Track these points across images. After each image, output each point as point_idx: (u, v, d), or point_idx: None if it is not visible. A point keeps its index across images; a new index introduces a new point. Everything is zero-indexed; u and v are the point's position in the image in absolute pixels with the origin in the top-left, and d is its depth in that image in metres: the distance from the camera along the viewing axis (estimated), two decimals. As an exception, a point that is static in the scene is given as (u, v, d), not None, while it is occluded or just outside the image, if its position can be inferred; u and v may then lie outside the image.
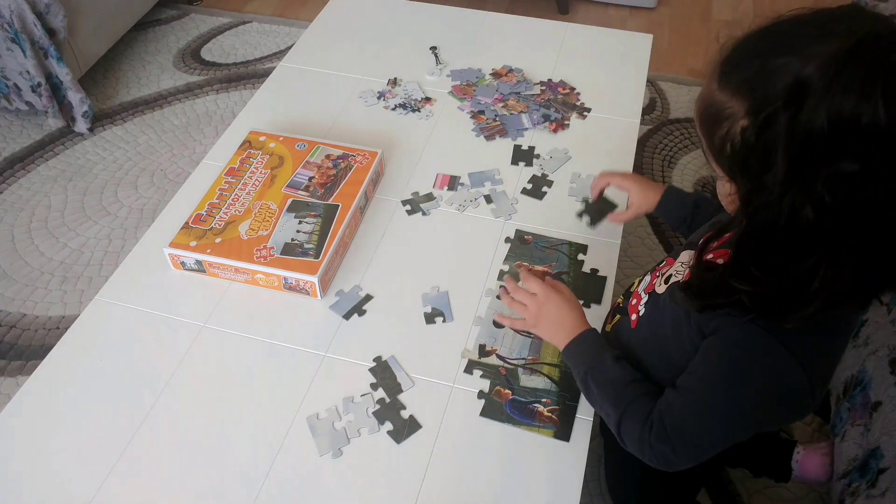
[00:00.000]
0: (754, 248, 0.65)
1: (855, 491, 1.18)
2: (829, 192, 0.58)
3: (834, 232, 0.60)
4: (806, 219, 0.59)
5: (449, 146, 1.35)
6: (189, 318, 1.07)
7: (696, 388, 0.78)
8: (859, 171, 0.57)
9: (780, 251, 0.63)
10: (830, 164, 0.57)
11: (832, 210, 0.58)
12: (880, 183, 0.58)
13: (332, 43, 1.62)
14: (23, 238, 1.89)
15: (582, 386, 0.91)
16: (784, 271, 0.63)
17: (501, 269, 1.13)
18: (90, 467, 0.91)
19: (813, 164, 0.58)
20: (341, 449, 0.92)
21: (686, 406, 0.79)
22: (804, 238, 0.61)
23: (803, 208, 0.59)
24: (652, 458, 0.82)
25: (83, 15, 2.17)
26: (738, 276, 0.66)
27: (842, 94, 0.56)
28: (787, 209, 0.60)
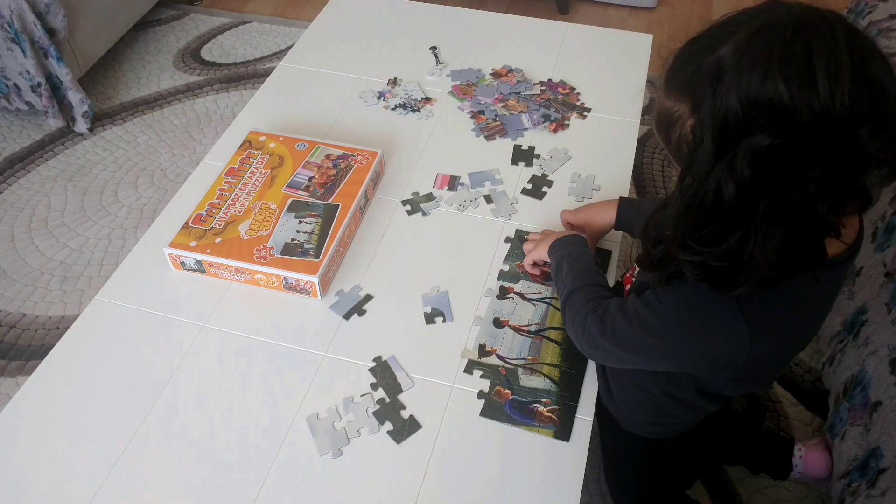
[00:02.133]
0: (688, 223, 0.68)
1: (855, 491, 1.19)
2: (747, 167, 0.61)
3: (755, 206, 0.63)
4: (729, 194, 0.63)
5: (449, 146, 1.35)
6: (189, 318, 1.07)
7: (650, 300, 0.83)
8: (772, 144, 0.60)
9: (711, 226, 0.66)
10: (746, 140, 0.61)
11: (752, 184, 0.62)
12: (793, 155, 0.60)
13: (332, 43, 1.62)
14: (23, 238, 1.89)
15: (554, 269, 1.01)
16: (715, 243, 0.66)
17: (501, 269, 1.13)
18: (90, 467, 0.91)
19: (732, 141, 0.62)
20: (341, 449, 0.92)
21: (634, 310, 0.85)
22: (730, 212, 0.64)
23: (726, 184, 0.63)
24: (580, 330, 0.92)
25: (83, 15, 2.17)
26: (680, 248, 0.70)
27: (748, 72, 0.60)
28: (713, 185, 0.63)
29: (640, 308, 0.84)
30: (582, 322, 0.91)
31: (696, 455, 1.17)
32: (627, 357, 0.89)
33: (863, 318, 1.33)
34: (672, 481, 1.23)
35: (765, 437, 1.43)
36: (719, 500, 1.36)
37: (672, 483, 1.23)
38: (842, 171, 0.61)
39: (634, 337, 0.85)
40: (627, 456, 1.17)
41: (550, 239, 1.06)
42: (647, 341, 0.84)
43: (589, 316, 0.90)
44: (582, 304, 0.93)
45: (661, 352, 0.85)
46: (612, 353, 0.89)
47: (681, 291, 0.79)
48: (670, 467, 1.16)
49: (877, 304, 1.30)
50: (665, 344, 0.84)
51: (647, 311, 0.83)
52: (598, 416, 1.06)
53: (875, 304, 1.31)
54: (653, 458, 1.13)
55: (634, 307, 0.85)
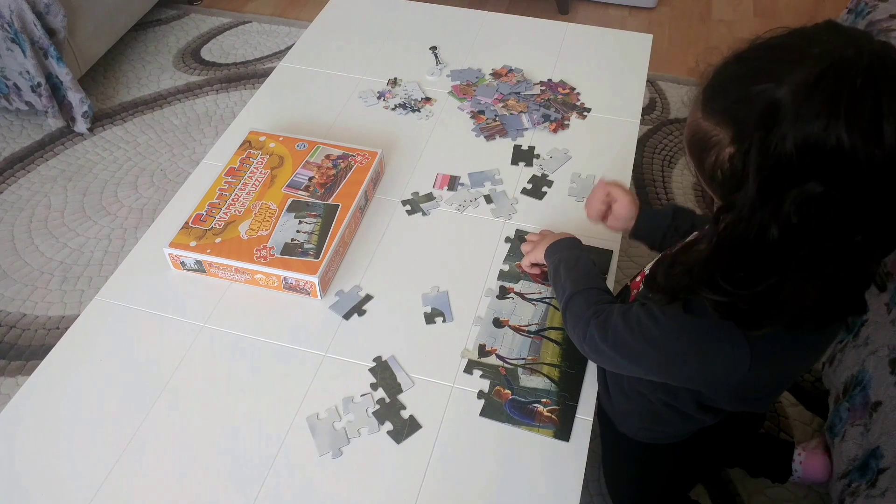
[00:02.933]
0: (722, 263, 0.66)
1: (855, 491, 1.18)
2: (795, 213, 0.59)
3: (798, 252, 0.61)
4: (772, 238, 0.61)
5: (449, 146, 1.35)
6: (189, 318, 1.07)
7: (654, 311, 0.82)
8: (824, 192, 0.58)
9: (746, 268, 0.65)
10: (797, 186, 0.59)
11: (798, 230, 0.60)
12: (845, 205, 0.59)
13: (332, 43, 1.62)
14: (23, 238, 1.89)
15: (552, 273, 1.02)
16: (749, 286, 0.65)
17: (501, 269, 1.13)
18: (90, 467, 0.91)
19: (781, 186, 0.60)
20: (341, 449, 0.92)
21: (637, 318, 0.83)
22: (769, 256, 0.63)
23: (770, 228, 0.61)
24: (582, 335, 0.91)
25: (83, 15, 2.17)
26: (709, 288, 0.68)
27: (809, 118, 0.58)
28: (755, 228, 0.62)
29: (643, 318, 0.83)
30: (584, 328, 0.91)
31: (696, 459, 1.17)
32: (626, 365, 0.89)
33: (863, 318, 1.33)
34: (671, 484, 1.22)
35: (765, 439, 1.43)
36: (719, 500, 1.36)
37: (671, 486, 1.23)
38: (890, 224, 0.60)
39: (635, 346, 0.84)
40: (626, 458, 1.17)
41: (548, 241, 1.06)
42: (647, 352, 0.84)
43: (591, 321, 0.90)
44: (583, 309, 0.92)
45: (659, 365, 0.85)
46: (612, 358, 0.89)
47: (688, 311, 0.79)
48: (670, 471, 1.16)
49: (877, 304, 1.30)
50: (664, 358, 0.83)
51: (651, 323, 0.82)
52: (598, 417, 1.06)
53: (875, 304, 1.31)
54: (652, 461, 1.12)
55: (638, 316, 0.84)
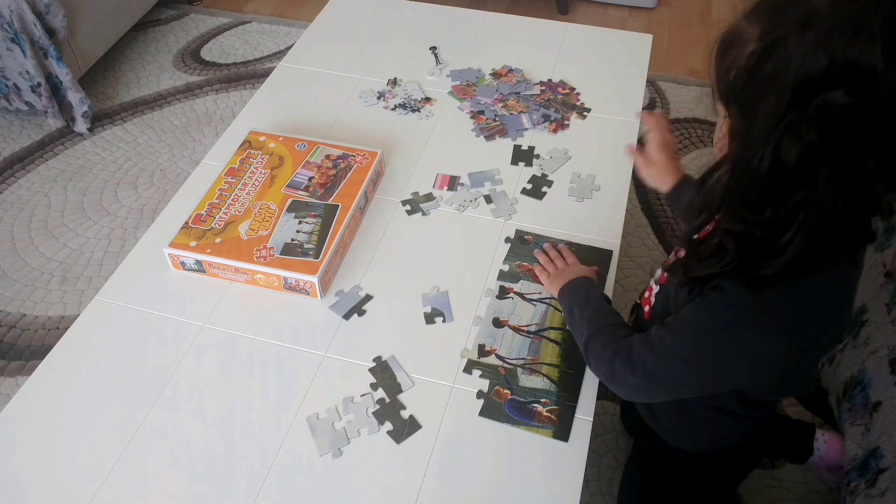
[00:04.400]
0: (740, 186, 0.67)
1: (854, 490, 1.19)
2: (815, 129, 0.59)
3: (814, 172, 0.61)
4: (791, 155, 0.61)
5: (449, 146, 1.35)
6: (189, 318, 1.07)
7: (675, 327, 0.81)
8: (847, 105, 0.58)
9: (763, 189, 0.65)
10: (821, 95, 0.59)
11: (817, 147, 0.60)
12: (866, 123, 0.59)
13: (332, 43, 1.62)
14: (23, 238, 1.89)
15: (567, 315, 1.00)
16: (764, 211, 0.65)
17: (501, 269, 1.13)
18: (90, 467, 0.91)
19: (805, 95, 0.59)
20: (341, 449, 0.92)
21: (660, 340, 0.82)
22: (786, 177, 0.63)
23: (790, 144, 0.61)
24: (609, 375, 0.88)
25: (83, 15, 2.17)
26: (728, 215, 0.69)
27: (843, 27, 0.58)
28: (773, 146, 0.62)
29: (664, 335, 0.82)
30: (609, 368, 0.88)
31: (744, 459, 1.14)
32: (663, 393, 0.86)
33: (863, 319, 1.33)
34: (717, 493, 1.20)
35: (784, 421, 1.44)
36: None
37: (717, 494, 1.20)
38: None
39: (665, 371, 0.82)
40: (674, 472, 1.12)
41: (562, 279, 1.05)
42: (679, 373, 0.82)
43: (615, 360, 0.87)
44: (603, 349, 0.90)
45: (695, 381, 0.83)
46: (647, 391, 0.87)
47: (703, 307, 0.77)
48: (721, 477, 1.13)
49: (877, 304, 1.30)
50: (698, 372, 0.81)
51: (672, 338, 0.80)
52: (638, 434, 1.05)
53: (875, 304, 1.31)
54: (703, 469, 1.09)
55: (658, 336, 0.82)
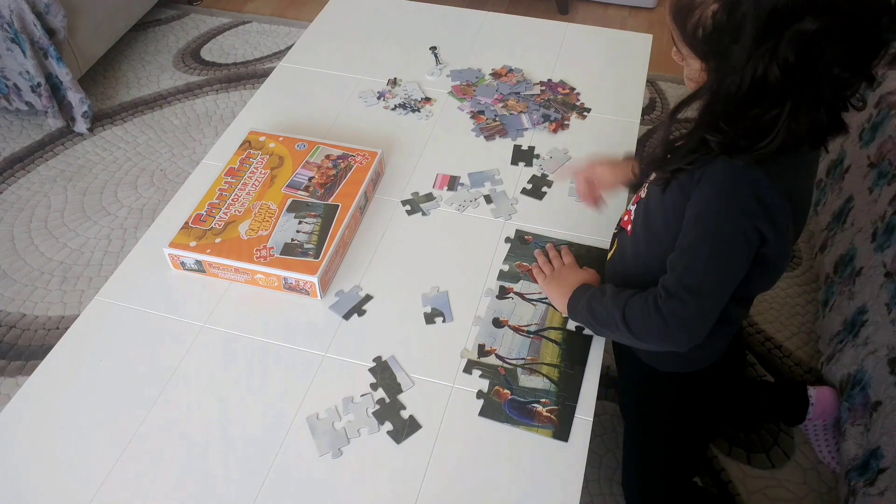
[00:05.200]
0: (722, 108, 0.75)
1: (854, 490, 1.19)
2: (792, 52, 0.68)
3: (792, 86, 0.70)
4: (773, 77, 0.70)
5: (449, 146, 1.35)
6: (189, 318, 1.07)
7: (689, 234, 0.85)
8: (818, 29, 0.67)
9: (746, 108, 0.73)
10: (793, 25, 0.67)
11: (794, 67, 0.69)
12: (830, 38, 0.68)
13: (332, 43, 1.62)
14: (23, 238, 1.89)
15: (588, 315, 0.97)
16: (749, 122, 0.74)
17: (501, 269, 1.13)
18: (90, 467, 0.91)
19: (777, 29, 0.68)
20: (341, 449, 0.92)
21: (685, 255, 0.86)
22: (768, 95, 0.71)
23: (769, 68, 0.69)
24: (661, 324, 0.86)
25: (83, 15, 2.17)
26: (709, 130, 0.77)
27: None
28: (751, 72, 0.70)
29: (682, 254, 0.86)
30: (658, 318, 0.87)
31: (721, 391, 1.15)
32: (716, 299, 0.86)
33: (863, 318, 1.34)
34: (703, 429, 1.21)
35: (778, 385, 1.49)
36: (719, 499, 1.36)
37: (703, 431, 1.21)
38: (863, 53, 0.70)
39: (698, 274, 0.84)
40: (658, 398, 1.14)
41: (559, 284, 1.05)
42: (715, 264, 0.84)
43: (659, 305, 0.87)
44: (642, 308, 0.89)
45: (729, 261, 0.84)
46: (703, 312, 0.86)
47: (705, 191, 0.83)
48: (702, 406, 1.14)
49: (877, 304, 1.30)
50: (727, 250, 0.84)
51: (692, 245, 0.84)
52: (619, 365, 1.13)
53: (875, 304, 1.31)
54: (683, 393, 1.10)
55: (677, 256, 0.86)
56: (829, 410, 1.36)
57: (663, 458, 1.14)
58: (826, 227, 1.65)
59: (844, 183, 1.61)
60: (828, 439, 1.37)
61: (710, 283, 0.85)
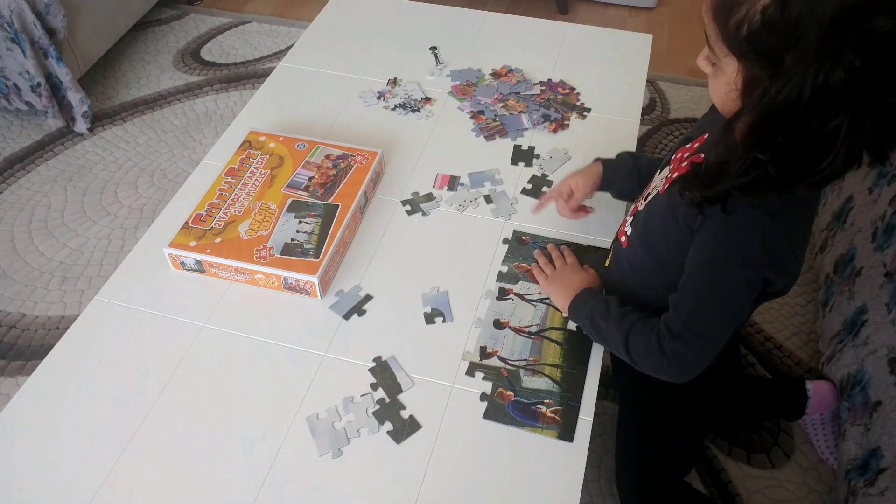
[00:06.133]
0: (779, 121, 0.67)
1: (854, 490, 1.19)
2: (859, 54, 0.61)
3: (858, 94, 0.63)
4: (836, 82, 0.62)
5: (449, 146, 1.35)
6: (189, 318, 1.07)
7: (696, 277, 0.86)
8: (891, 30, 0.60)
9: (806, 120, 0.66)
10: (864, 23, 0.60)
11: (860, 73, 0.62)
12: None
13: (332, 43, 1.62)
14: (23, 238, 1.89)
15: (590, 327, 0.98)
16: (804, 138, 0.67)
17: (500, 271, 1.13)
18: (90, 467, 0.91)
19: (844, 30, 0.61)
20: (341, 449, 0.92)
21: (690, 298, 0.86)
22: (828, 103, 0.64)
23: (832, 73, 0.62)
24: (663, 361, 0.88)
25: (83, 15, 2.17)
26: (762, 147, 0.69)
27: None
28: (811, 79, 0.63)
29: (687, 294, 0.86)
30: (661, 355, 0.89)
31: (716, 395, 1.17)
32: (718, 342, 0.88)
33: (863, 318, 1.33)
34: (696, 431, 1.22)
35: (776, 381, 1.49)
36: (719, 499, 1.36)
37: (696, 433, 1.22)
38: None
39: (708, 314, 0.86)
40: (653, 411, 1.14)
41: (562, 287, 1.05)
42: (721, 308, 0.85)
43: (662, 343, 0.88)
44: (646, 342, 0.90)
45: (736, 304, 0.86)
46: (704, 352, 0.89)
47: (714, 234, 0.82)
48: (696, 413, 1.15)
49: (877, 304, 1.30)
50: (731, 295, 0.85)
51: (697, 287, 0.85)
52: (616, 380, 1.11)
53: (875, 304, 1.30)
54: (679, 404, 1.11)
55: (681, 296, 0.87)
56: (826, 403, 1.36)
57: (661, 456, 1.14)
58: (826, 226, 1.65)
59: (844, 183, 1.61)
60: (826, 434, 1.37)
61: (715, 327, 0.88)
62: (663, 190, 0.95)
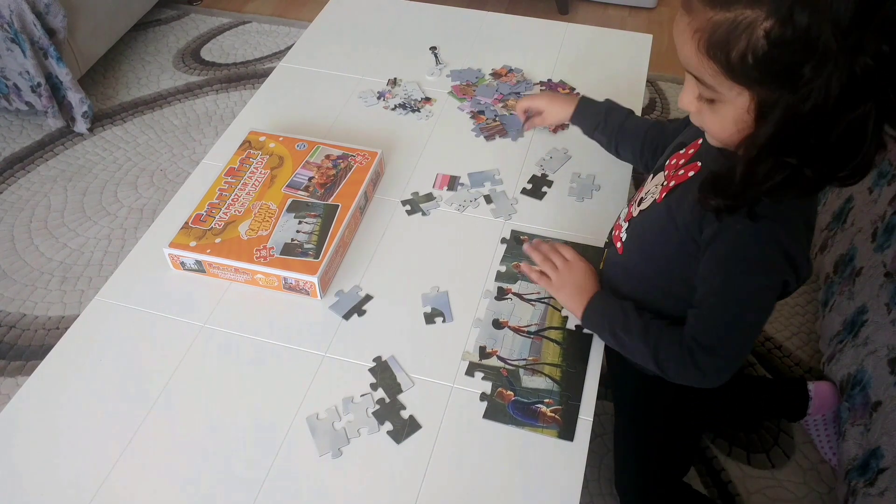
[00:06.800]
0: (806, 129, 0.66)
1: (854, 490, 1.19)
2: (885, 40, 0.59)
3: (884, 84, 0.62)
4: (865, 72, 0.60)
5: (449, 146, 1.35)
6: (189, 318, 1.07)
7: (718, 290, 0.86)
8: None
9: (836, 117, 0.64)
10: (879, 12, 0.59)
11: (890, 56, 0.60)
12: None
13: (332, 43, 1.62)
14: (23, 238, 1.89)
15: (611, 339, 0.98)
16: (840, 130, 0.65)
17: (499, 270, 1.13)
18: (90, 468, 0.91)
19: (863, 22, 0.59)
20: (341, 449, 0.92)
21: (717, 311, 0.87)
22: (858, 95, 0.62)
23: (858, 66, 0.60)
24: (698, 374, 0.89)
25: (83, 15, 2.17)
26: (788, 153, 0.68)
27: None
28: (839, 79, 0.61)
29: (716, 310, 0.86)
30: (696, 370, 0.89)
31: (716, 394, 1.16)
32: (745, 346, 0.90)
33: (863, 319, 1.33)
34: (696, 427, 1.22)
35: (778, 381, 1.50)
36: (719, 499, 1.36)
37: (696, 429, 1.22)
38: None
39: (734, 327, 0.87)
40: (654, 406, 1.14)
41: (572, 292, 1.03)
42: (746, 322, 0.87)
43: (696, 359, 0.89)
44: (679, 358, 0.90)
45: (758, 313, 0.87)
46: (740, 354, 0.90)
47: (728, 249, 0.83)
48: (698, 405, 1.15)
49: (877, 304, 1.30)
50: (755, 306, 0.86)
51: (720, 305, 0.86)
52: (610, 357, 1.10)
53: (875, 304, 1.31)
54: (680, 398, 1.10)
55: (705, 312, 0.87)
56: (828, 404, 1.36)
57: (660, 457, 1.14)
58: (826, 226, 1.65)
59: (844, 183, 1.60)
60: (829, 434, 1.37)
61: (744, 335, 0.89)
62: (660, 198, 0.93)
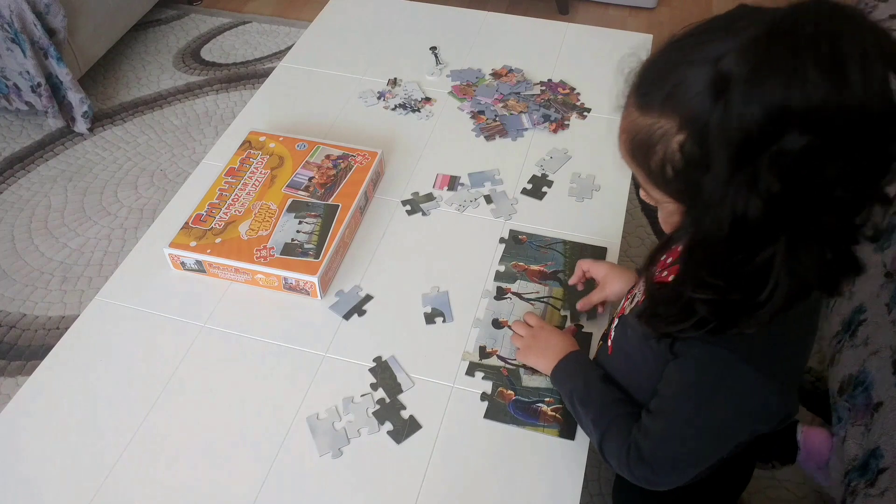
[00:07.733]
0: (704, 255, 0.62)
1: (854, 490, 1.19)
2: (775, 178, 0.54)
3: (785, 220, 0.57)
4: (755, 211, 0.56)
5: (449, 146, 1.35)
6: (189, 318, 1.07)
7: (667, 411, 0.78)
8: (806, 146, 0.53)
9: (732, 252, 0.59)
10: (772, 146, 0.54)
11: (781, 196, 0.55)
12: (823, 157, 0.54)
13: (332, 43, 1.62)
14: (23, 238, 1.89)
15: (569, 405, 0.92)
16: (739, 270, 0.60)
17: (498, 270, 1.13)
18: (91, 467, 0.91)
19: (754, 153, 0.54)
20: (341, 449, 0.92)
21: (659, 430, 0.79)
22: (754, 234, 0.57)
23: (750, 201, 0.55)
24: (634, 480, 0.82)
25: (83, 15, 2.17)
26: (694, 287, 0.63)
27: (769, 77, 0.53)
28: (730, 207, 0.56)
29: (657, 424, 0.78)
30: (629, 471, 0.82)
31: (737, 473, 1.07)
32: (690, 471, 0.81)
33: (860, 318, 1.33)
34: None
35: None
36: (719, 500, 1.36)
37: None
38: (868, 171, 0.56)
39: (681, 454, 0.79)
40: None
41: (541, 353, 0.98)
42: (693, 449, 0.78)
43: (630, 463, 0.81)
44: (618, 451, 0.83)
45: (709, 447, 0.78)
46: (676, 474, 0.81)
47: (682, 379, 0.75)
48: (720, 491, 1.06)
49: (876, 305, 1.30)
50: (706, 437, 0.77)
51: (668, 423, 0.78)
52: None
53: (875, 305, 1.31)
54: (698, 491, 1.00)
55: (652, 425, 0.79)
56: (820, 452, 1.30)
57: None
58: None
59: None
60: (826, 477, 1.32)
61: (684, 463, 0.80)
62: (641, 300, 0.84)
